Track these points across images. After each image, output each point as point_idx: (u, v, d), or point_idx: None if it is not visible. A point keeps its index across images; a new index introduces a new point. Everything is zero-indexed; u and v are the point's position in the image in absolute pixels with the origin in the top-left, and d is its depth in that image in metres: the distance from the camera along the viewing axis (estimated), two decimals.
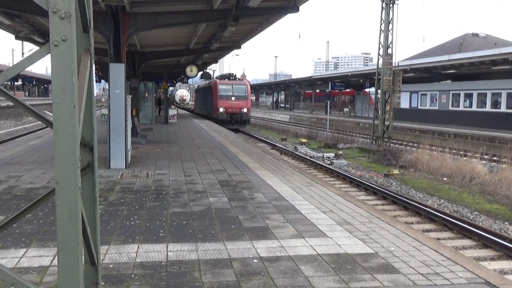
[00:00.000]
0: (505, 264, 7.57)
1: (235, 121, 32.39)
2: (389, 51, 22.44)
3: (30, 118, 41.12)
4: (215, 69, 47.74)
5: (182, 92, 72.20)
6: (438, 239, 8.35)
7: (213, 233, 6.05)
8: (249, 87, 34.30)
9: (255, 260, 5.08)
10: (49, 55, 2.27)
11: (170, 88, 72.12)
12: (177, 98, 70.13)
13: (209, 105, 35.65)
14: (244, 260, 5.09)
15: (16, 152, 13.96)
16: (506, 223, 10.30)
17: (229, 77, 35.54)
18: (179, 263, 4.96)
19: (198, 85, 50.52)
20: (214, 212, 7.15)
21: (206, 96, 38.15)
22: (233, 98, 32.64)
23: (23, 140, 18.54)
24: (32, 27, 15.40)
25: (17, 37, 17.48)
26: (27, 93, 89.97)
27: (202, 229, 6.22)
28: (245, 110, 32.77)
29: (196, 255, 5.22)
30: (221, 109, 32.22)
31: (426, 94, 37.33)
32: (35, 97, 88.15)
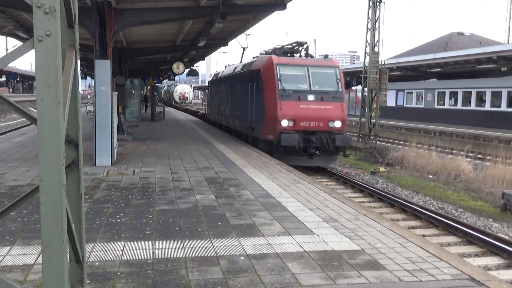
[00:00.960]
0: (489, 260, 7.67)
1: (316, 149, 14.93)
2: (376, 49, 22.57)
3: (14, 115, 40.61)
4: (245, 46, 28.60)
5: (183, 88, 59.44)
6: (423, 235, 8.42)
7: (200, 231, 6.03)
8: (341, 73, 16.10)
9: (242, 258, 5.08)
10: (33, 50, 2.24)
11: (166, 84, 66.23)
12: (176, 96, 58.67)
13: (250, 113, 16.86)
14: (231, 257, 5.08)
15: (0, 149, 13.78)
16: (490, 219, 10.44)
17: (295, 51, 17.01)
18: (166, 261, 4.93)
19: (216, 74, 26.85)
20: (201, 210, 7.13)
21: (241, 92, 18.62)
22: (311, 98, 15.02)
23: (7, 137, 18.30)
24: (16, 22, 15.20)
25: (0, 33, 17.25)
26: (11, 90, 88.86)
27: (189, 227, 6.20)
28: (337, 124, 15.14)
29: (183, 252, 5.20)
30: (284, 122, 14.72)
31: (412, 92, 37.66)
32: (20, 93, 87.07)
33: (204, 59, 33.65)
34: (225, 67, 24.91)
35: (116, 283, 4.35)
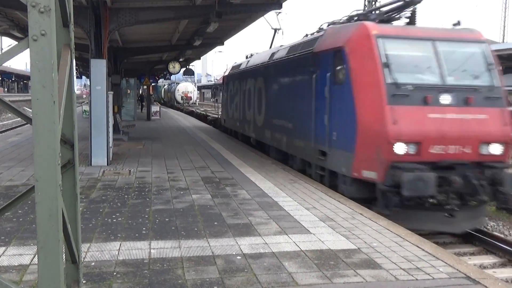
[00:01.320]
0: (484, 259, 7.70)
1: (459, 195, 7.70)
2: None
3: (10, 115, 40.44)
4: (277, 27, 21.12)
5: (186, 87, 52.93)
6: (419, 234, 8.43)
7: (196, 230, 6.02)
8: (493, 55, 8.94)
9: (238, 257, 5.07)
10: (28, 50, 2.23)
11: (167, 82, 64.73)
12: (178, 95, 52.70)
13: (318, 125, 9.70)
14: (228, 257, 5.08)
15: None
16: (486, 218, 10.46)
17: (392, 19, 9.31)
18: (162, 261, 4.93)
19: (237, 65, 19.65)
20: (197, 209, 7.12)
21: (290, 89, 11.48)
22: (445, 100, 7.86)
23: (2, 137, 18.22)
24: (11, 22, 15.14)
25: None
26: (6, 89, 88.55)
27: (185, 226, 6.19)
28: (496, 149, 7.99)
29: (179, 252, 5.20)
30: (400, 147, 7.58)
31: None
32: (15, 93, 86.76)
33: (200, 59, 33.58)
34: (246, 57, 18.92)
35: (112, 283, 4.34)
